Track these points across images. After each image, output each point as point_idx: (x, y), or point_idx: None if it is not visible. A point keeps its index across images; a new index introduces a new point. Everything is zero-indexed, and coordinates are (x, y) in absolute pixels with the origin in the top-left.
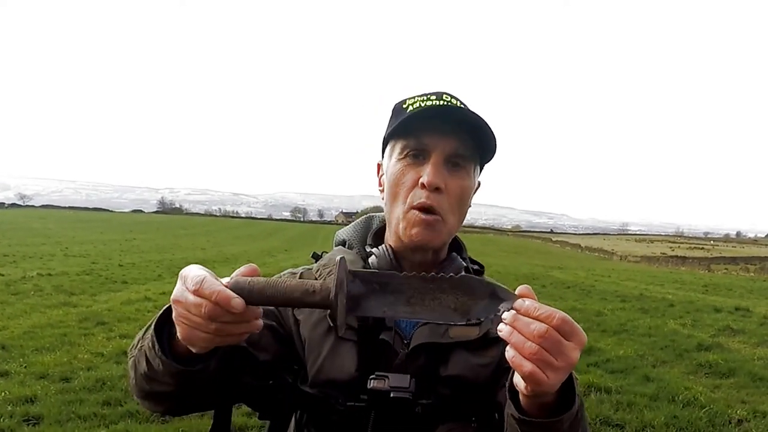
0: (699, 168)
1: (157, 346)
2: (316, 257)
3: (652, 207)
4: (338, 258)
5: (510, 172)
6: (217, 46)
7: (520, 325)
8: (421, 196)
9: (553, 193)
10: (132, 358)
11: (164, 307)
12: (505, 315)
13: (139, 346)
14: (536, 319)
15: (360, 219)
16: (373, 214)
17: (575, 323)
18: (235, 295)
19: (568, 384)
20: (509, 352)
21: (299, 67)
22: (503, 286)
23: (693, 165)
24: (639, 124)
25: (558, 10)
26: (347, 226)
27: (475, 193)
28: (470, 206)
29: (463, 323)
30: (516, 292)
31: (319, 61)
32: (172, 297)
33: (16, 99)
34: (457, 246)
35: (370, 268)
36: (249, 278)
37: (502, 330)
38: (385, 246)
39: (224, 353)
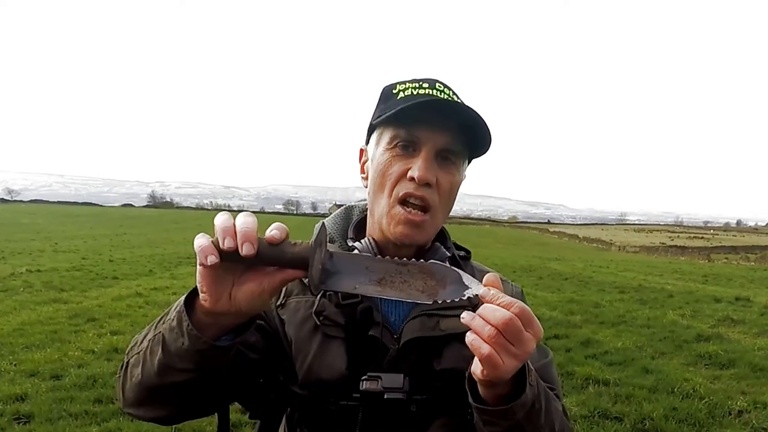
0: (698, 156)
1: (186, 322)
2: None
3: (650, 196)
4: (318, 224)
5: (506, 163)
6: (208, 38)
7: (485, 312)
8: (409, 188)
9: (550, 184)
10: (135, 355)
11: (188, 292)
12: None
13: (147, 338)
14: (499, 306)
15: (339, 210)
16: (353, 204)
17: (534, 316)
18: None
19: (523, 377)
20: (469, 336)
21: (291, 58)
22: (469, 274)
23: (692, 153)
24: (637, 113)
25: (558, 4)
26: (326, 219)
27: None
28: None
29: (430, 302)
30: (483, 281)
31: (312, 51)
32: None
33: (2, 92)
34: (440, 235)
35: None
36: None
37: (465, 317)
38: (368, 239)
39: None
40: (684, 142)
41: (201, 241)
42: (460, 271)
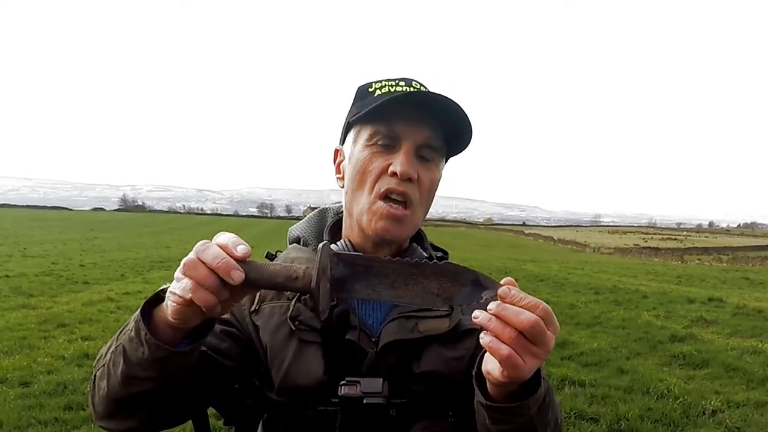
0: (672, 158)
1: (143, 331)
2: (271, 257)
3: (624, 198)
4: (321, 244)
5: (481, 165)
6: (179, 38)
7: (509, 314)
8: (390, 183)
9: (525, 186)
10: (101, 368)
11: (144, 301)
12: (491, 305)
13: (110, 350)
14: (523, 308)
15: (313, 213)
16: (327, 207)
17: (552, 312)
18: (237, 266)
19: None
20: (486, 338)
21: (264, 61)
22: (486, 274)
23: (666, 155)
24: (611, 115)
25: (524, 5)
26: (300, 222)
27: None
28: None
29: (446, 308)
30: (501, 282)
31: (285, 53)
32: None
33: None
34: (417, 236)
35: None
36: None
37: (479, 317)
38: (344, 241)
39: (200, 351)
40: (658, 144)
41: (201, 296)
42: (477, 271)
